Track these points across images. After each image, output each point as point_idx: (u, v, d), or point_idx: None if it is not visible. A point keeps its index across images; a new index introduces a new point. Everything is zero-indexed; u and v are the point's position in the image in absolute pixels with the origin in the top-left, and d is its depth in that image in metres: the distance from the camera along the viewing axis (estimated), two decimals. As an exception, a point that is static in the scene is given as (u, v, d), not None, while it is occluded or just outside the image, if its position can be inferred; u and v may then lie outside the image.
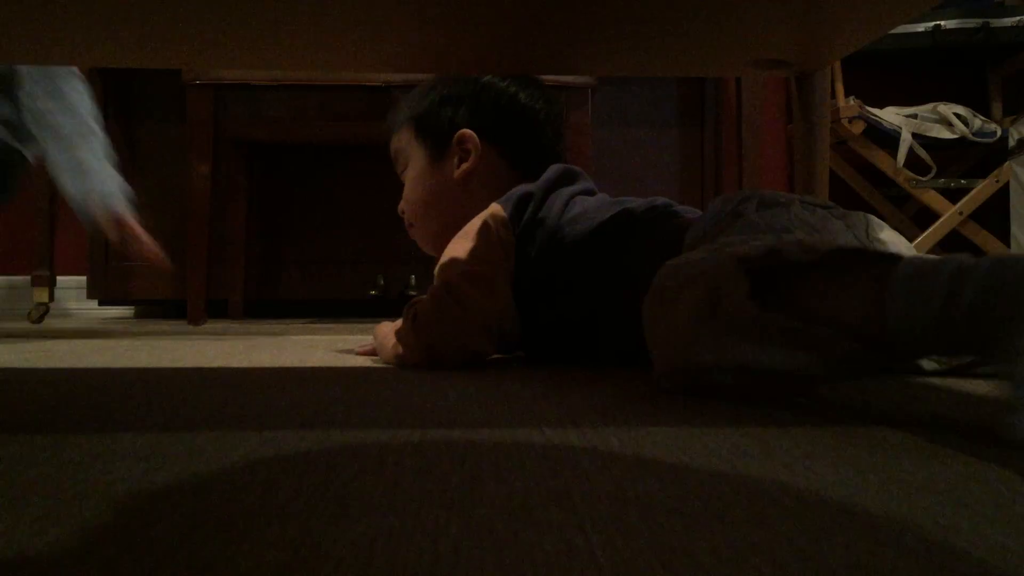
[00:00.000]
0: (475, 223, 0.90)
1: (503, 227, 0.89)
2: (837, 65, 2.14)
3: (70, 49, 0.84)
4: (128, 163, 2.21)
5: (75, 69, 1.45)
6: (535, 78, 1.05)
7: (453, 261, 0.87)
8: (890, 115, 2.18)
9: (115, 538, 0.28)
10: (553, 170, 0.95)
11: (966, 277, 0.47)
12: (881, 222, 0.77)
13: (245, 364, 0.91)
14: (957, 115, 2.19)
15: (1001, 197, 2.07)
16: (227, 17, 0.74)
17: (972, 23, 2.22)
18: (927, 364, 0.75)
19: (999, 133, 2.17)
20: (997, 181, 2.11)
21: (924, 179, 2.15)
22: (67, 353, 1.09)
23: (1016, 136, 1.85)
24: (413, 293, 2.31)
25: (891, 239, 0.75)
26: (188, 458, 0.41)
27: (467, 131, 0.99)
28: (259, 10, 0.72)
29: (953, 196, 2.16)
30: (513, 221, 0.90)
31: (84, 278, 2.22)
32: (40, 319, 2.03)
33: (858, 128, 2.15)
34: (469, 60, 0.89)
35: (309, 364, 0.91)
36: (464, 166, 0.99)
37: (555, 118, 1.04)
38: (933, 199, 2.15)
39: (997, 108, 2.45)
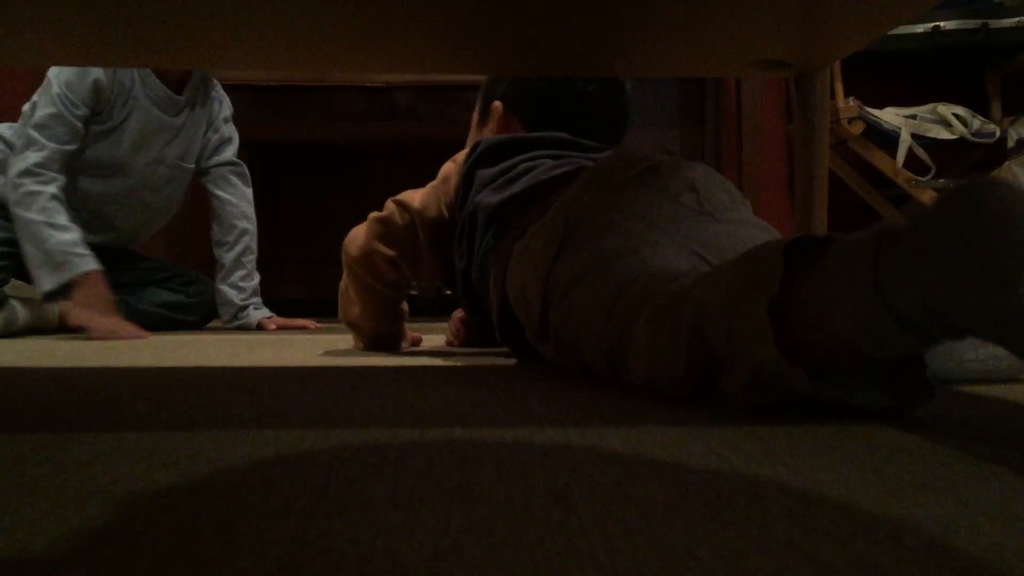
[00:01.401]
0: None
1: (455, 171, 1.01)
2: (837, 66, 2.14)
3: (70, 49, 0.84)
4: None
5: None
6: None
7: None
8: (889, 116, 2.19)
9: (116, 538, 0.28)
10: (539, 135, 0.99)
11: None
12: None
13: (245, 364, 0.91)
14: (956, 116, 2.19)
15: (1001, 198, 2.07)
16: (228, 17, 0.74)
17: (971, 24, 2.22)
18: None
19: (998, 134, 2.17)
20: (997, 182, 2.11)
21: (923, 179, 2.15)
22: (68, 353, 1.09)
23: (1015, 137, 1.85)
24: (414, 293, 2.30)
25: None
26: (189, 458, 0.41)
27: (497, 102, 1.07)
28: (261, 10, 0.72)
29: (953, 197, 2.16)
30: (467, 164, 0.99)
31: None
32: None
33: (858, 129, 2.15)
34: (472, 61, 0.89)
35: (309, 364, 0.91)
36: (485, 132, 1.09)
37: (594, 95, 1.06)
38: (932, 199, 2.15)
39: (996, 109, 2.45)
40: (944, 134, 2.16)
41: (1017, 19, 2.21)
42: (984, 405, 0.59)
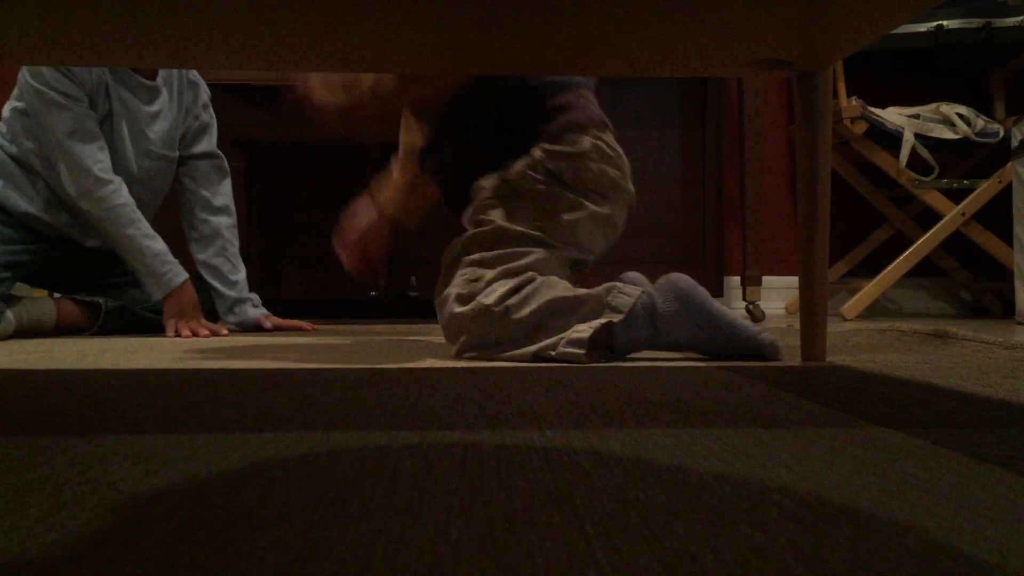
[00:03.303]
0: None
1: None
2: (839, 65, 2.14)
3: (69, 49, 0.84)
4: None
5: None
6: None
7: None
8: (892, 115, 2.18)
9: (114, 541, 0.28)
10: None
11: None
12: None
13: (244, 365, 0.91)
14: (960, 115, 2.18)
15: (1004, 197, 2.07)
16: (226, 17, 0.74)
17: (974, 23, 2.21)
18: None
19: (1002, 133, 2.16)
20: (1000, 182, 2.11)
21: (926, 179, 2.15)
22: (67, 354, 1.09)
23: (1019, 136, 1.84)
24: (414, 295, 2.30)
25: None
26: (187, 460, 0.40)
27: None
28: (259, 10, 0.72)
29: (956, 196, 2.16)
30: None
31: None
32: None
33: (860, 128, 2.15)
34: (470, 60, 0.89)
35: (309, 365, 0.91)
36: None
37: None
38: (936, 200, 2.15)
39: (1000, 108, 2.44)
40: (947, 134, 2.16)
41: (1020, 18, 2.20)
42: (986, 407, 0.58)
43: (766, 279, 2.46)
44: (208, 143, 1.76)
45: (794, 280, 2.50)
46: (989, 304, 2.45)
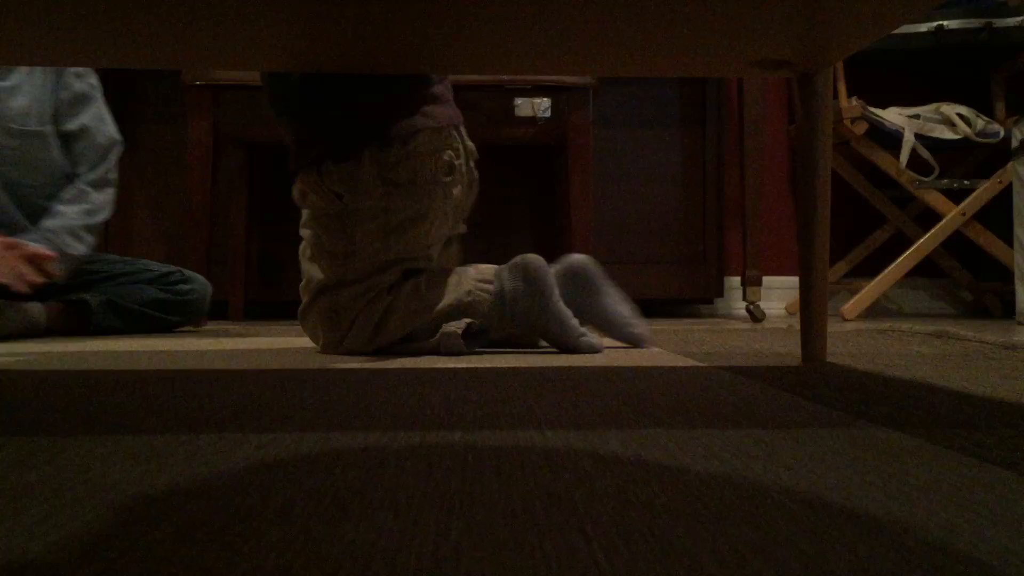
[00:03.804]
0: None
1: None
2: (839, 65, 2.13)
3: (70, 50, 0.84)
4: (128, 165, 2.21)
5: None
6: None
7: None
8: (893, 116, 2.18)
9: (114, 541, 0.28)
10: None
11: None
12: None
13: (245, 366, 0.91)
14: (960, 115, 2.18)
15: (1004, 198, 2.07)
16: (226, 17, 0.74)
17: (975, 23, 2.21)
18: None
19: (1002, 134, 2.16)
20: (1000, 182, 2.11)
21: (927, 180, 2.15)
22: (66, 355, 1.09)
23: (1019, 136, 1.84)
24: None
25: None
26: (187, 460, 0.40)
27: None
28: (259, 10, 0.72)
29: (956, 197, 2.15)
30: None
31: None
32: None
33: (860, 129, 2.14)
34: (469, 60, 0.89)
35: (309, 366, 0.91)
36: None
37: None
38: (936, 200, 2.15)
39: (1000, 108, 2.44)
40: (948, 134, 2.16)
41: (1021, 18, 2.20)
42: (986, 407, 0.58)
43: (766, 279, 2.46)
44: (87, 116, 1.63)
45: (794, 280, 2.50)
46: (989, 304, 2.45)
